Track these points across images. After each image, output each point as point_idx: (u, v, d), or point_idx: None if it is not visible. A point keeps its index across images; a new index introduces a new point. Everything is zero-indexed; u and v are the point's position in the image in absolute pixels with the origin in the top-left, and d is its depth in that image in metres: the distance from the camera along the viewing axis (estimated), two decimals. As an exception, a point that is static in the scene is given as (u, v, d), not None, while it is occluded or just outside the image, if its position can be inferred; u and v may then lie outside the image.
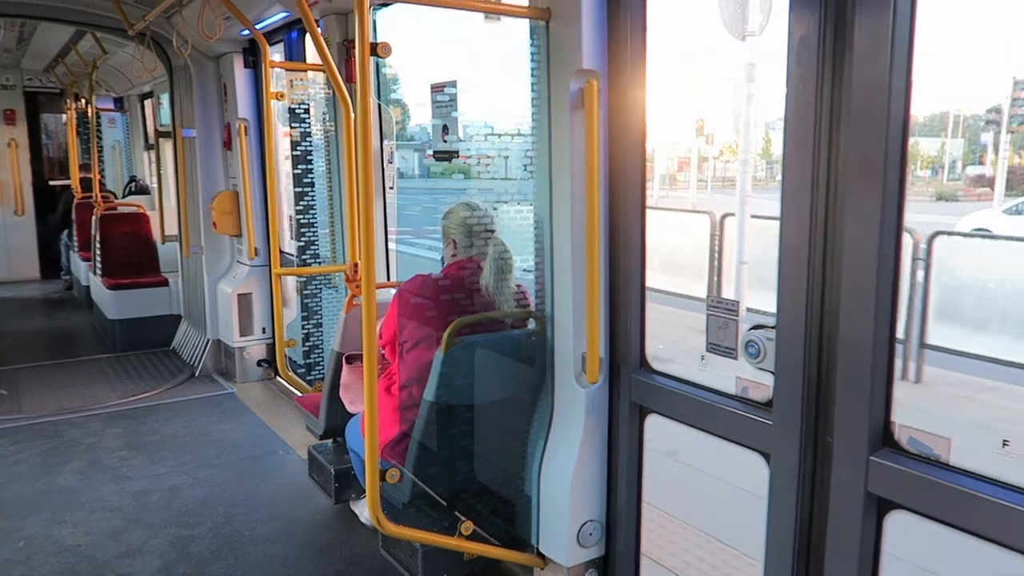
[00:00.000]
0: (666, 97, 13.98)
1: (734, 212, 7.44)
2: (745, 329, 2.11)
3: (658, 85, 2.39)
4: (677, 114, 14.40)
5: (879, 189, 1.73)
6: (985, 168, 11.70)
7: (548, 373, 2.68)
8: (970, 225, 9.33)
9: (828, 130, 1.83)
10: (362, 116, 2.18)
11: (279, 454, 4.42)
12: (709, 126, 13.14)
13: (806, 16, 1.83)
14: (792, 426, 1.97)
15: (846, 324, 1.82)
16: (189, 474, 4.12)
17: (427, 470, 2.74)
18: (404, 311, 2.85)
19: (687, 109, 14.32)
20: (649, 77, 2.39)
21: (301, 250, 4.89)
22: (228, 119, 5.69)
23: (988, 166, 11.65)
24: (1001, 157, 12.15)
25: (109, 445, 4.54)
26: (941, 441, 1.74)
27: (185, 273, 6.67)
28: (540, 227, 2.63)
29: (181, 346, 6.63)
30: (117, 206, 7.92)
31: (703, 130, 13.27)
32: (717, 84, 13.47)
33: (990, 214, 9.48)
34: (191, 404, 5.35)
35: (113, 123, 10.42)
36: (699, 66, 13.89)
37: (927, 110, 10.92)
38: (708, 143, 13.76)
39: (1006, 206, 9.62)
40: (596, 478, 2.63)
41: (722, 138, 13.33)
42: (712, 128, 13.03)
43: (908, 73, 1.71)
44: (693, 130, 13.36)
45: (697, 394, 2.29)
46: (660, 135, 13.38)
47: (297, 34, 4.91)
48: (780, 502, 2.04)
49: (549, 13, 2.45)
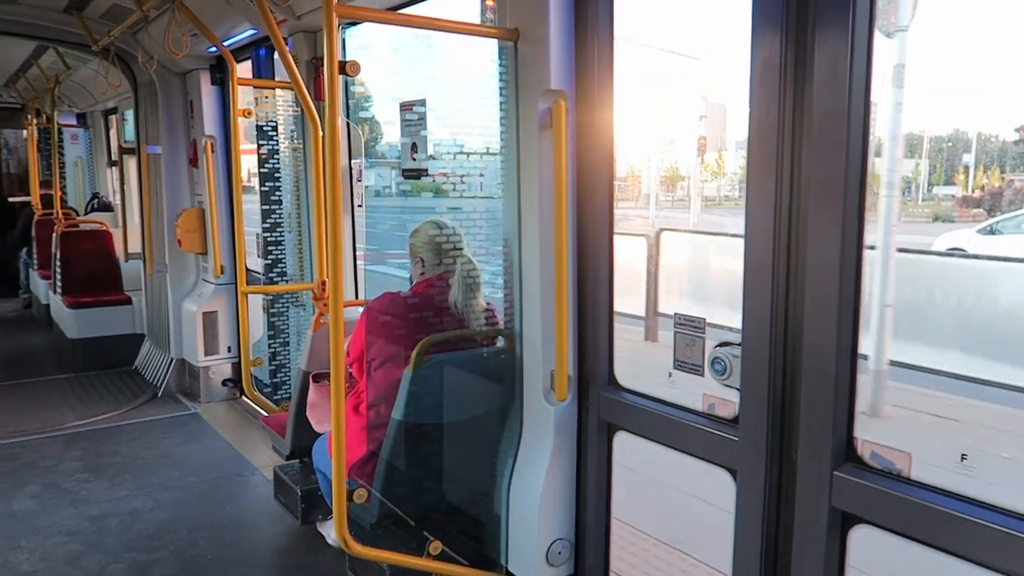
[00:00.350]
0: (652, 114, 14.14)
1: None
2: (712, 346, 2.14)
3: (636, 104, 2.43)
4: (665, 132, 14.55)
5: (840, 208, 1.77)
6: (956, 188, 11.99)
7: (517, 391, 2.68)
8: (945, 245, 9.49)
9: (791, 151, 1.87)
10: (330, 134, 2.18)
11: (244, 475, 4.35)
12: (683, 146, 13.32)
13: (768, 40, 1.87)
14: (758, 442, 2.00)
15: (810, 341, 1.85)
16: (150, 497, 4.03)
17: (395, 490, 2.71)
18: (372, 329, 2.84)
19: (673, 127, 14.52)
20: (617, 97, 2.43)
21: (268, 268, 4.85)
22: (194, 136, 5.63)
23: (958, 187, 11.94)
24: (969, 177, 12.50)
25: (68, 468, 4.43)
26: (902, 455, 1.77)
27: (149, 291, 6.56)
28: (509, 245, 2.64)
29: (144, 366, 6.50)
30: (79, 223, 7.77)
31: (705, 148, 13.37)
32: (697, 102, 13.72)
33: (967, 233, 9.68)
34: (153, 425, 5.24)
35: (76, 139, 10.25)
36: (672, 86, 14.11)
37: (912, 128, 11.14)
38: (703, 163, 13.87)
39: (979, 226, 9.83)
40: (565, 496, 2.63)
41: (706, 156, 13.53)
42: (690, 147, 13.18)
43: (867, 95, 1.76)
44: (694, 147, 13.51)
45: (665, 411, 2.31)
46: (650, 153, 13.51)
47: (265, 51, 4.90)
48: (747, 518, 2.05)
49: (517, 34, 2.47)
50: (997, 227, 9.93)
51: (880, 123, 4.66)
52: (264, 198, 4.78)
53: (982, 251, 9.22)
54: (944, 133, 11.70)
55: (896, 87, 4.65)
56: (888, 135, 4.94)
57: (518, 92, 2.51)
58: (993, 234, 9.75)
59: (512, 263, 2.63)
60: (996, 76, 8.18)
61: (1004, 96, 9.43)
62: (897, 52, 4.53)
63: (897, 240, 5.25)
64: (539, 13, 2.39)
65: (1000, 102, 10.52)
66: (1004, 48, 7.41)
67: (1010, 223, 10.23)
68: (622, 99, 2.43)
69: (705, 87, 13.06)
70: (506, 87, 2.54)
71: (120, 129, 9.32)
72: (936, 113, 11.60)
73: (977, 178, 11.93)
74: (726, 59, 6.24)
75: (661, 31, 11.92)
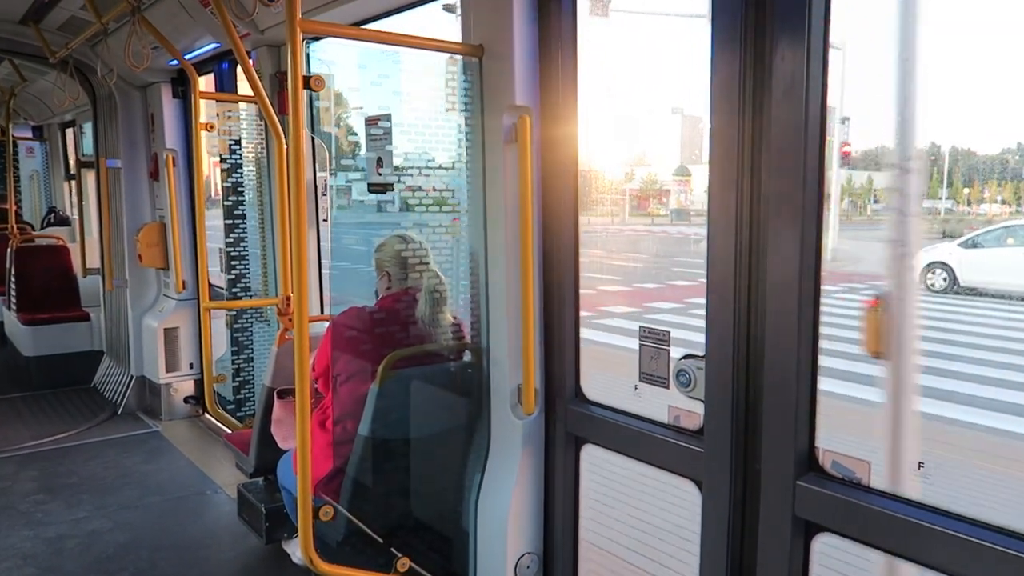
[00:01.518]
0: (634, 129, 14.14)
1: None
2: (676, 359, 2.17)
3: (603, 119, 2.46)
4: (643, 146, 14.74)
5: (798, 222, 1.81)
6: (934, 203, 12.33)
7: (484, 405, 2.68)
8: (930, 258, 9.66)
9: (751, 166, 1.91)
10: (295, 148, 2.17)
11: (207, 494, 4.27)
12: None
13: (727, 57, 1.91)
14: (722, 453, 2.02)
15: (771, 353, 1.89)
16: (109, 518, 3.94)
17: (362, 506, 2.69)
18: (338, 344, 2.82)
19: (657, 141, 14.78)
20: (581, 112, 2.46)
21: (232, 283, 4.79)
22: (155, 149, 5.56)
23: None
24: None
25: (23, 489, 4.31)
26: (862, 464, 1.81)
27: (108, 307, 6.44)
28: (475, 259, 2.65)
29: (103, 383, 6.36)
30: (35, 238, 7.60)
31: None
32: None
33: (949, 247, 9.89)
34: (112, 444, 5.13)
35: (31, 152, 10.03)
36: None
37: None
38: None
39: (961, 240, 10.07)
40: (533, 510, 2.63)
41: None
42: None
43: (822, 113, 1.80)
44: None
45: (631, 423, 2.33)
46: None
47: (228, 64, 4.86)
48: (712, 528, 2.08)
49: (482, 50, 2.49)
50: (978, 240, 10.19)
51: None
52: (227, 212, 4.73)
53: (964, 264, 9.45)
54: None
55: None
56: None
57: (483, 107, 2.52)
58: (975, 247, 10.00)
59: (479, 277, 2.63)
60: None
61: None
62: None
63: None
64: (503, 29, 2.41)
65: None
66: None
67: (990, 236, 10.52)
68: (593, 113, 2.46)
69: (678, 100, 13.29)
70: (471, 102, 2.55)
71: (78, 142, 9.15)
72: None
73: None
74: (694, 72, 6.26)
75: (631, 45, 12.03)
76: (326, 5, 3.16)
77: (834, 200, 9.32)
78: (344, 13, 3.25)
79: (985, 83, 12.97)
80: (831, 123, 1.92)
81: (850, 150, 9.19)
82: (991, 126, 12.13)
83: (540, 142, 2.49)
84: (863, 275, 9.88)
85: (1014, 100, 10.12)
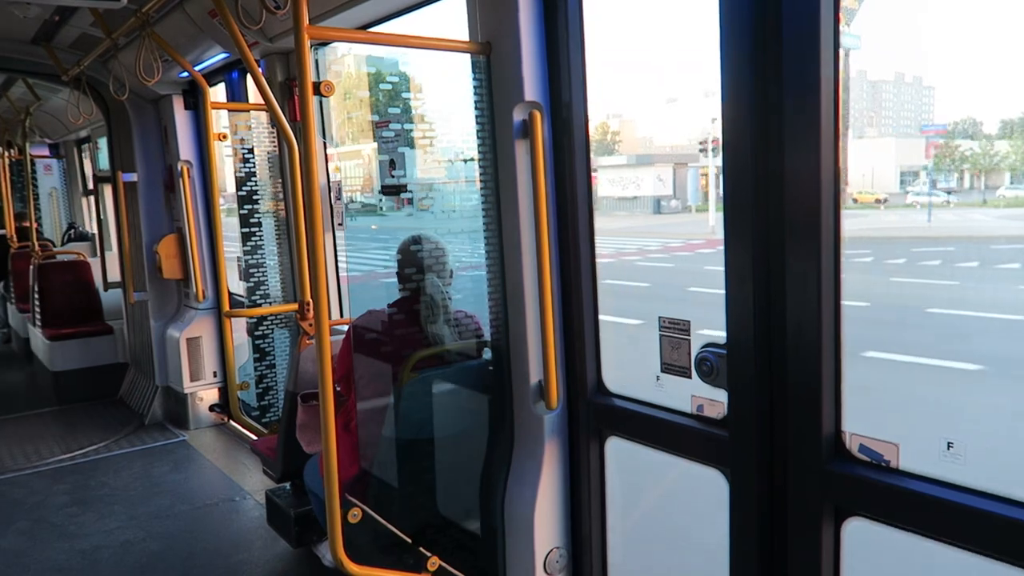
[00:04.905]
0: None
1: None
2: (697, 348, 2.15)
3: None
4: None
5: (816, 206, 1.80)
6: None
7: (507, 402, 2.68)
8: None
9: (766, 152, 1.89)
10: (306, 155, 2.18)
11: (236, 500, 4.31)
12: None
13: (738, 42, 1.89)
14: (748, 441, 2.01)
15: (794, 337, 1.87)
16: (142, 528, 3.99)
17: (389, 507, 2.70)
18: (358, 347, 2.83)
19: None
20: (591, 106, 2.45)
21: (251, 291, 4.82)
22: (169, 161, 5.60)
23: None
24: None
25: (55, 503, 4.37)
26: (890, 447, 1.80)
27: (130, 320, 6.50)
28: (492, 257, 2.65)
29: (128, 395, 6.44)
30: (56, 254, 7.70)
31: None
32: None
33: None
34: (141, 454, 5.19)
35: (49, 170, 10.15)
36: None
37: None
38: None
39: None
40: (560, 504, 2.63)
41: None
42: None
43: (835, 100, 1.78)
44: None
45: (655, 414, 2.32)
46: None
47: (238, 74, 4.89)
48: (741, 516, 2.07)
49: (489, 48, 2.49)
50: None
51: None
52: (243, 221, 4.76)
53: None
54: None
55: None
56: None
57: (493, 104, 2.52)
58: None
59: (496, 274, 2.63)
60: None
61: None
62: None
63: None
64: (510, 26, 2.41)
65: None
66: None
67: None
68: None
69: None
70: (481, 100, 2.55)
71: (94, 158, 9.25)
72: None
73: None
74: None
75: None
76: (332, 10, 3.16)
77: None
78: (351, 17, 3.25)
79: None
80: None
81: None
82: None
83: (552, 136, 2.49)
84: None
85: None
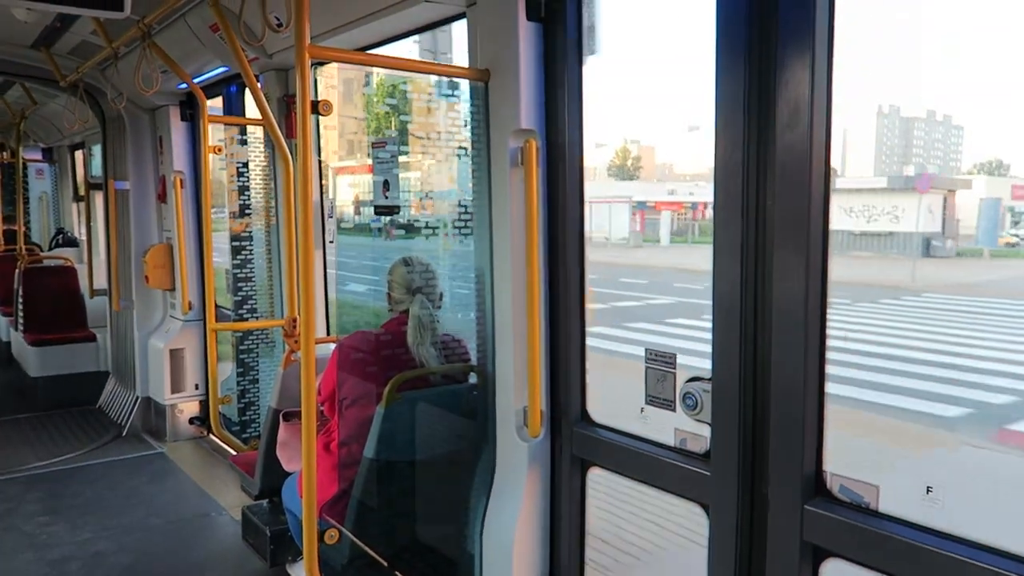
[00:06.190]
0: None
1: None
2: (683, 381, 2.16)
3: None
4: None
5: (804, 245, 1.81)
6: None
7: (490, 427, 2.67)
8: None
9: (756, 188, 1.92)
10: (303, 172, 2.19)
11: (211, 515, 4.26)
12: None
13: (732, 81, 1.92)
14: (729, 477, 2.01)
15: (778, 375, 1.88)
16: (114, 540, 3.92)
17: (367, 529, 2.68)
18: (344, 366, 2.82)
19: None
20: (587, 136, 2.47)
21: (238, 304, 4.80)
22: (163, 172, 5.60)
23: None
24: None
25: (27, 511, 4.30)
26: (871, 488, 1.80)
27: (114, 328, 6.45)
28: (481, 281, 2.65)
29: (108, 404, 6.36)
30: (43, 259, 7.65)
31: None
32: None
33: None
34: (117, 465, 5.12)
35: (41, 174, 10.10)
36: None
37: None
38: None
39: None
40: (539, 533, 2.61)
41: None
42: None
43: (827, 137, 1.81)
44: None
45: (637, 446, 2.32)
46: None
47: (236, 88, 4.90)
48: (720, 552, 2.06)
49: (488, 74, 2.51)
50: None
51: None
52: (234, 234, 4.75)
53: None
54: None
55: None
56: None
57: (489, 131, 2.54)
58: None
59: (484, 299, 2.64)
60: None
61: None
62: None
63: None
64: (509, 53, 2.44)
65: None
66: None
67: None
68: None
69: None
70: (477, 126, 2.58)
71: (87, 164, 9.23)
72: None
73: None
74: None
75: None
76: (334, 30, 3.19)
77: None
78: (353, 38, 3.28)
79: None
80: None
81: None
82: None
83: (547, 165, 2.51)
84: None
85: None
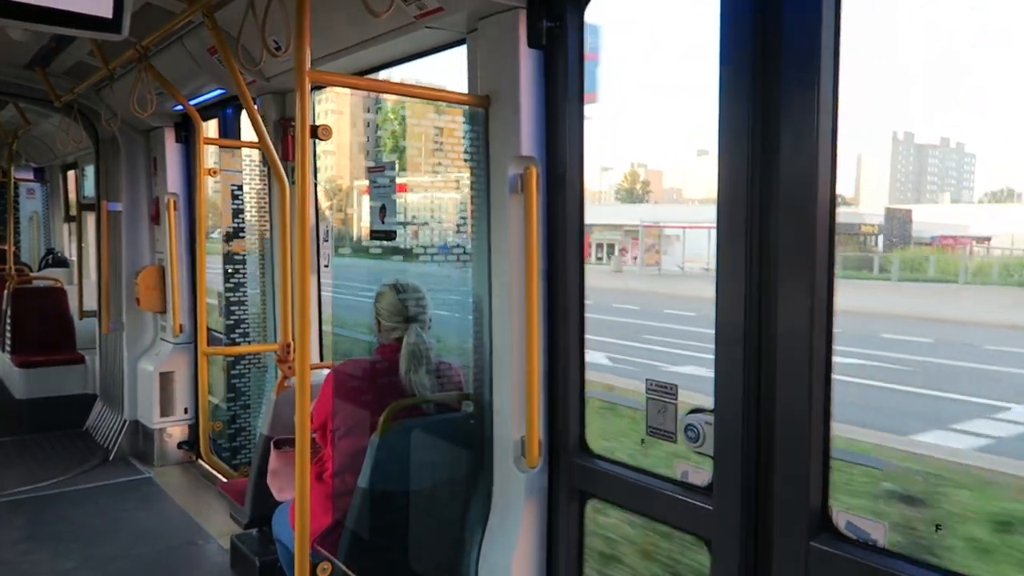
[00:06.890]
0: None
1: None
2: (684, 413, 2.13)
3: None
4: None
5: (809, 274, 1.79)
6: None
7: (486, 458, 2.63)
8: None
9: (759, 217, 1.90)
10: (301, 196, 2.17)
11: (199, 544, 4.17)
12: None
13: (736, 108, 1.91)
14: (732, 512, 1.97)
15: (782, 409, 1.85)
16: (98, 568, 3.83)
17: (361, 561, 2.61)
18: (339, 394, 2.78)
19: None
20: (587, 164, 2.46)
21: (230, 328, 4.75)
22: (156, 193, 5.56)
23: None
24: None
25: (9, 537, 4.20)
26: (877, 526, 1.76)
27: (103, 350, 6.37)
28: (479, 309, 2.62)
29: (95, 427, 6.27)
30: (32, 279, 7.57)
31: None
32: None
33: None
34: (103, 490, 5.02)
35: (32, 194, 10.05)
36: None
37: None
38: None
39: None
40: (536, 565, 2.56)
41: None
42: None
43: (833, 162, 1.80)
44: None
45: (637, 479, 2.28)
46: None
47: (232, 110, 4.89)
48: (722, 589, 2.01)
49: (488, 101, 2.50)
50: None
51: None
52: (227, 257, 4.71)
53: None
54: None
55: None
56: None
57: (489, 157, 2.53)
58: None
59: (482, 327, 2.61)
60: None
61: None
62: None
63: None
64: (510, 80, 2.43)
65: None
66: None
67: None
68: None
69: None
70: (477, 152, 2.56)
71: (79, 184, 9.18)
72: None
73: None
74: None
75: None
76: (334, 54, 3.18)
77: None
78: (353, 62, 3.28)
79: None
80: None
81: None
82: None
83: (547, 192, 2.49)
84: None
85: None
